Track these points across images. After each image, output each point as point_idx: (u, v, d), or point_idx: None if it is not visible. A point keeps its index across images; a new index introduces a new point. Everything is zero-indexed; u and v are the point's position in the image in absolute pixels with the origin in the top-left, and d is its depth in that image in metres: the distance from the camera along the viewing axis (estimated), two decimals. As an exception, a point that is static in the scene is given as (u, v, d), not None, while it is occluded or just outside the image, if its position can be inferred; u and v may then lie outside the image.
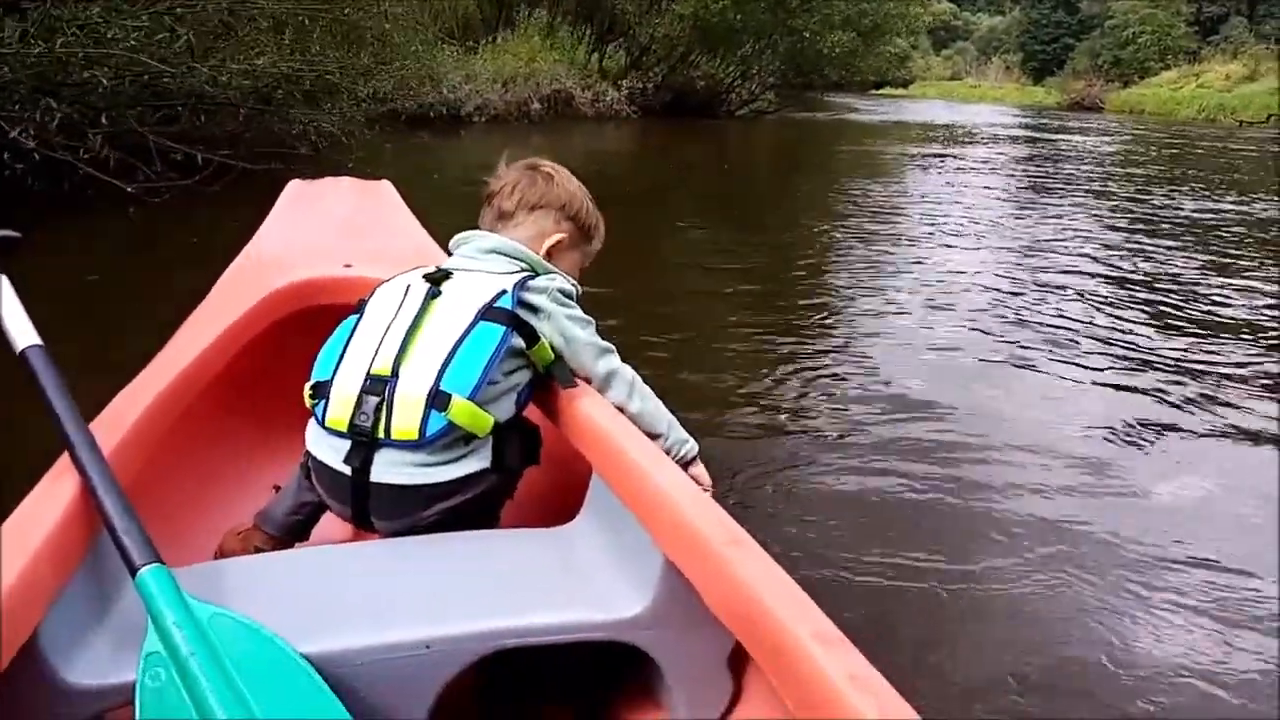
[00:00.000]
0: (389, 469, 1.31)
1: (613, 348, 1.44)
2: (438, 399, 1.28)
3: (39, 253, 3.93)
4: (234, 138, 6.81)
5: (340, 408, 1.33)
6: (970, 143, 16.88)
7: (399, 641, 1.08)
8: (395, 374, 1.31)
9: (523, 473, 1.45)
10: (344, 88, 8.20)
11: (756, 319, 4.25)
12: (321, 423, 1.35)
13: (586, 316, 1.45)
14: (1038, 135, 19.99)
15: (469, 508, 1.35)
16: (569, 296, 1.44)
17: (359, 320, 1.43)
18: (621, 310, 3.82)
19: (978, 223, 7.41)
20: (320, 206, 2.30)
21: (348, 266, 1.92)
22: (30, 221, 3.35)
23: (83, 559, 1.05)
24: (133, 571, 1.01)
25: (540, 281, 1.41)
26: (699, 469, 1.45)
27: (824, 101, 28.79)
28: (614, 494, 1.30)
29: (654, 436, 1.39)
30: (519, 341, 1.37)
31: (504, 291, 1.38)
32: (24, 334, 1.22)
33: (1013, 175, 11.86)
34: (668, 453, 1.37)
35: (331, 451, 1.35)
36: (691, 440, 1.45)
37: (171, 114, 6.57)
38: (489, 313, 1.35)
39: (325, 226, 2.18)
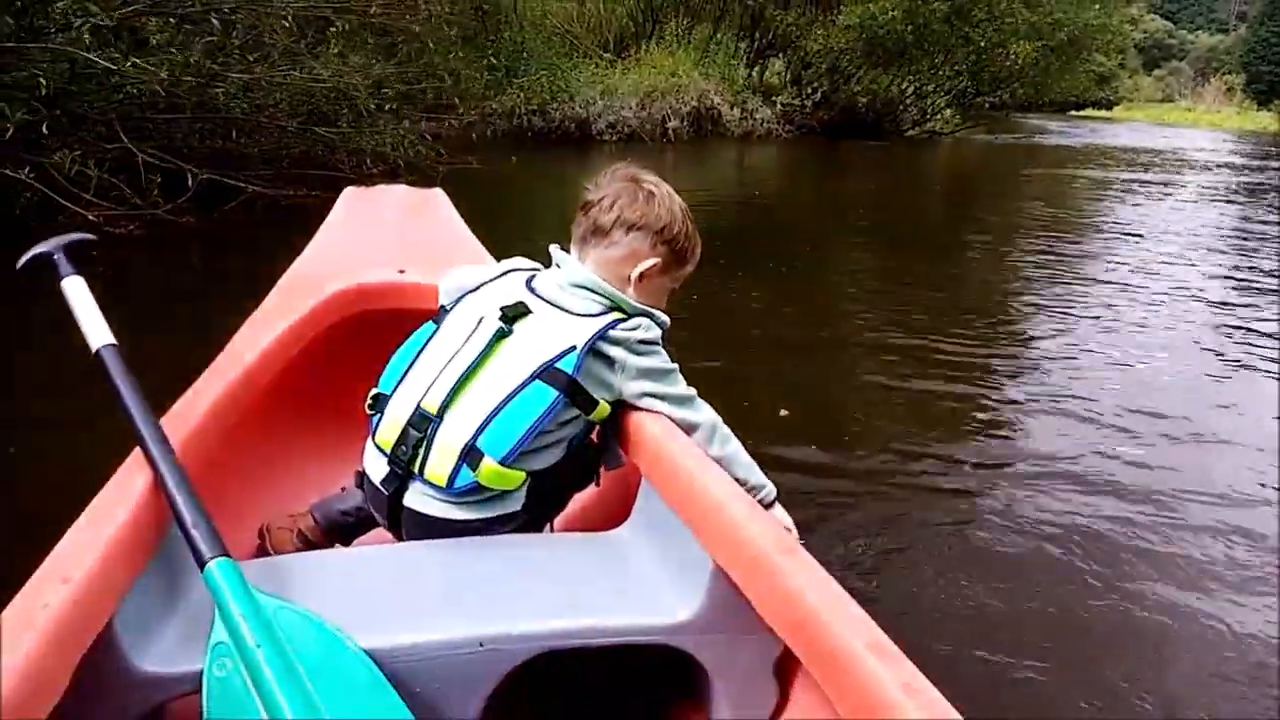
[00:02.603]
0: (420, 499, 1.38)
1: (693, 394, 1.44)
2: (471, 455, 1.32)
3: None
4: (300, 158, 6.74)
5: (389, 430, 1.39)
6: (1180, 170, 15.61)
7: (454, 639, 1.13)
8: (441, 416, 1.35)
9: (573, 494, 1.48)
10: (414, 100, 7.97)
11: (920, 372, 3.91)
12: (373, 437, 1.42)
13: (669, 364, 1.43)
14: (1261, 164, 18.19)
15: (506, 529, 1.40)
16: (652, 343, 1.43)
17: (432, 336, 1.46)
18: (768, 351, 3.80)
19: (1184, 263, 6.74)
20: (375, 213, 2.39)
21: (401, 272, 2.00)
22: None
23: (154, 551, 1.11)
24: (201, 564, 1.06)
25: (620, 332, 1.39)
26: (779, 511, 1.43)
27: (1012, 122, 27.15)
28: (663, 500, 1.34)
29: (740, 480, 1.36)
30: (572, 409, 1.37)
31: (572, 349, 1.36)
32: (99, 334, 1.31)
33: (1227, 208, 10.87)
34: (755, 496, 1.37)
35: (376, 467, 1.42)
36: (770, 484, 1.44)
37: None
38: (547, 373, 1.34)
39: (380, 233, 2.27)
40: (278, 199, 6.14)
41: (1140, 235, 8.05)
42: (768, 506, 1.40)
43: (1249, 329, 4.88)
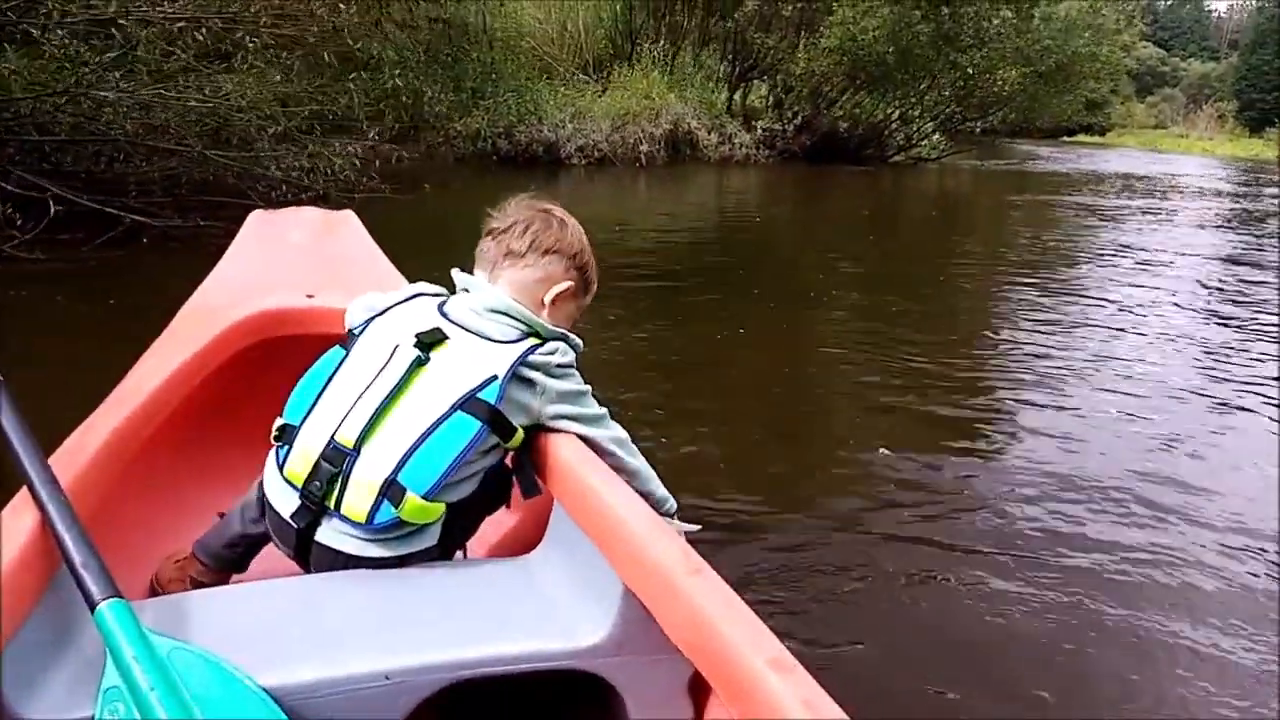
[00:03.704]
0: (334, 536, 1.35)
1: (605, 412, 1.48)
2: (392, 491, 1.30)
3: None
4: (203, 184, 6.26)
5: (299, 462, 1.36)
6: (1173, 197, 15.71)
7: (358, 673, 1.11)
8: (357, 450, 1.33)
9: (485, 518, 1.50)
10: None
11: (900, 416, 3.79)
12: (280, 468, 1.39)
13: (583, 386, 1.47)
14: (1255, 191, 18.34)
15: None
16: (568, 366, 1.46)
17: (340, 364, 1.43)
18: (738, 397, 3.70)
19: (1177, 294, 6.70)
20: (283, 237, 2.36)
21: (310, 297, 1.97)
22: None
23: (41, 594, 1.08)
24: (91, 606, 1.03)
25: (539, 357, 1.41)
26: (679, 524, 1.49)
27: (1002, 148, 27.26)
28: (575, 523, 1.34)
29: (645, 493, 1.42)
30: (493, 438, 1.37)
31: (493, 379, 1.36)
32: None
33: (1221, 235, 10.92)
34: (657, 509, 1.41)
35: (284, 500, 1.39)
36: (671, 498, 1.50)
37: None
38: (469, 404, 1.34)
39: (288, 257, 2.24)
40: (164, 230, 5.73)
41: (1132, 263, 8.06)
42: (670, 517, 1.46)
43: (1245, 365, 4.84)
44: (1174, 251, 8.87)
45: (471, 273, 1.55)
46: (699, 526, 1.52)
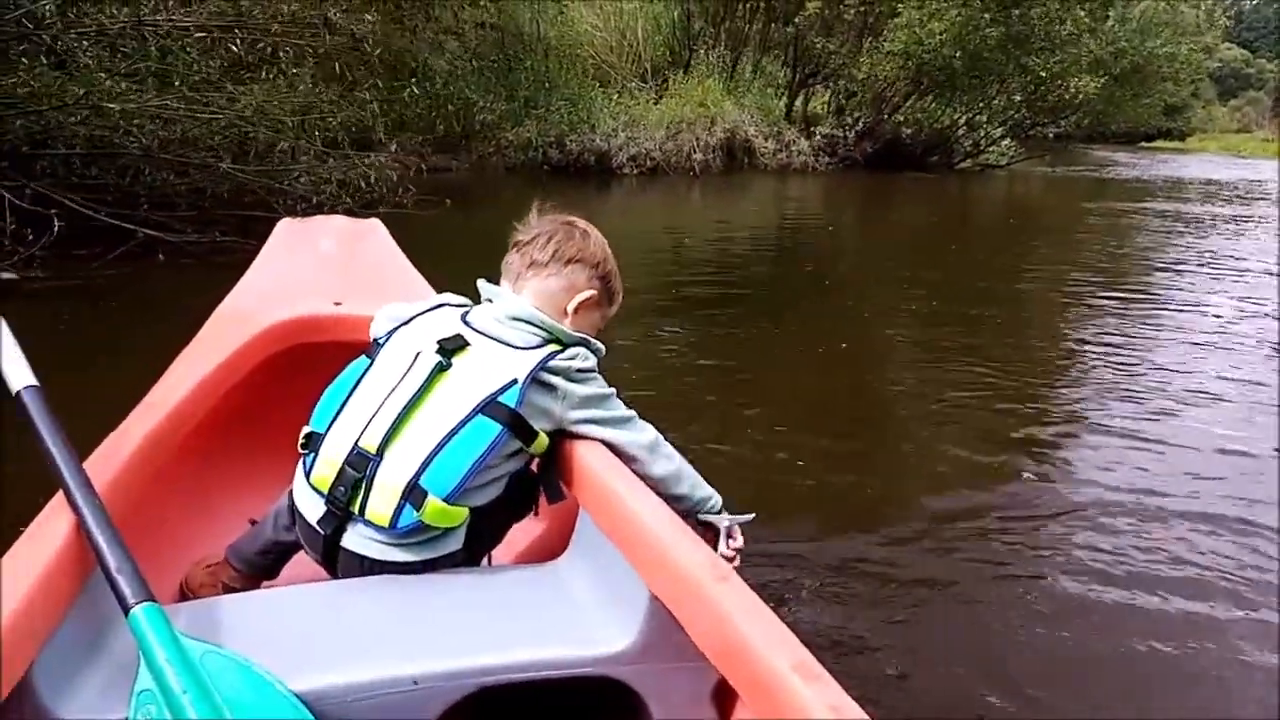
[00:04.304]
0: (359, 541, 1.37)
1: (634, 414, 1.49)
2: (414, 494, 1.32)
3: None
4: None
5: (325, 468, 1.39)
6: (1259, 205, 14.96)
7: (387, 678, 1.13)
8: (380, 455, 1.35)
9: (511, 525, 1.51)
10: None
11: (964, 430, 3.68)
12: (307, 476, 1.42)
13: (607, 389, 1.49)
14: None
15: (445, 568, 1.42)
16: (589, 371, 1.48)
17: (365, 372, 1.46)
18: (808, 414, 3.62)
19: (1266, 312, 6.28)
20: (311, 245, 2.40)
21: (338, 304, 2.00)
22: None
23: (76, 597, 1.11)
24: (125, 609, 1.05)
25: (560, 362, 1.43)
26: (728, 519, 1.47)
27: (1075, 154, 26.41)
28: (600, 531, 1.35)
29: (677, 498, 1.43)
30: (515, 442, 1.39)
31: (513, 382, 1.38)
32: (20, 375, 1.30)
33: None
34: (694, 510, 1.45)
35: (311, 507, 1.42)
36: (716, 495, 1.49)
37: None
38: (489, 407, 1.36)
39: (316, 264, 2.28)
40: (180, 245, 5.62)
41: (1218, 273, 7.72)
42: (717, 514, 1.47)
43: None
44: (1261, 260, 8.50)
45: (498, 284, 1.58)
46: (753, 515, 1.50)
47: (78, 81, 5.47)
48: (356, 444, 1.37)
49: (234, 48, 6.02)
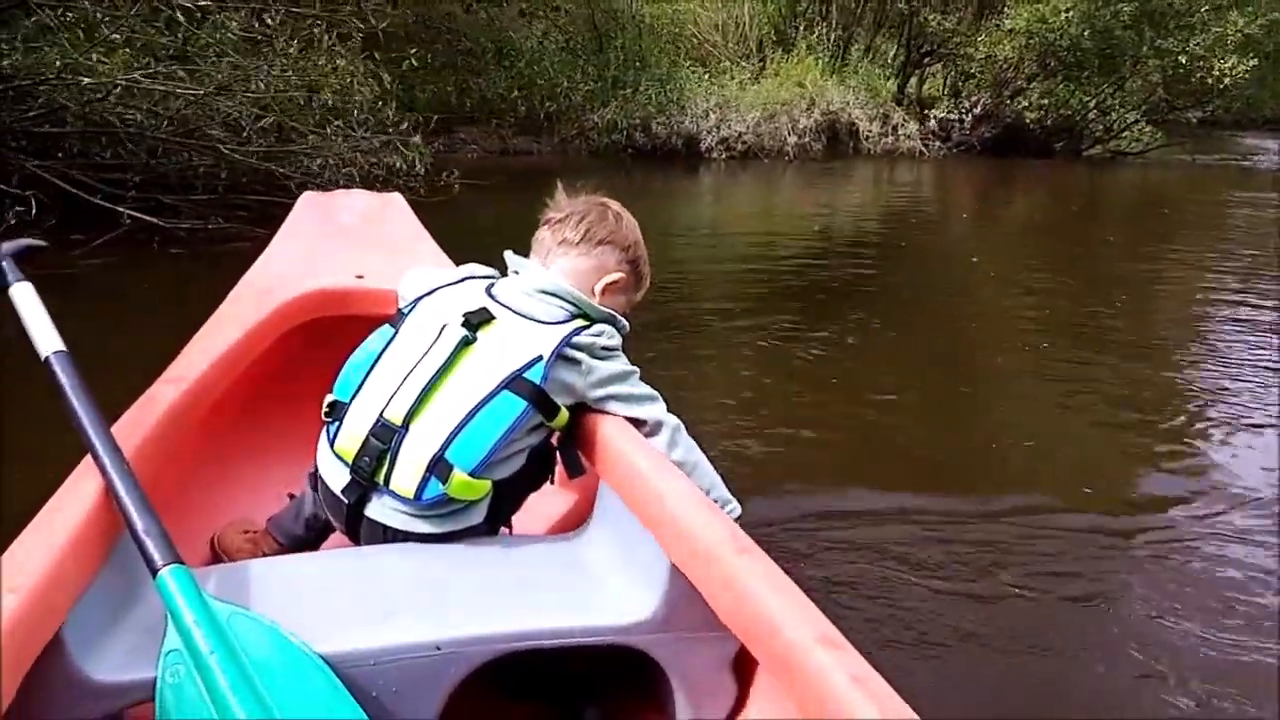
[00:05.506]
0: (383, 511, 1.40)
1: (656, 395, 1.51)
2: (439, 467, 1.35)
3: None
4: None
5: (349, 439, 1.42)
6: None
7: (410, 643, 1.17)
8: (406, 427, 1.38)
9: (529, 494, 1.53)
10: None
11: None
12: (331, 444, 1.45)
13: (630, 366, 1.51)
14: None
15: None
16: (614, 348, 1.50)
17: (390, 342, 1.48)
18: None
19: None
20: (332, 218, 2.46)
21: (359, 277, 2.05)
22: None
23: (105, 558, 1.16)
24: (153, 571, 1.10)
25: (585, 338, 1.46)
26: None
27: (1219, 141, 24.06)
28: (622, 502, 1.38)
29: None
30: (538, 417, 1.41)
31: (539, 359, 1.40)
32: (49, 340, 1.35)
33: None
34: None
35: (335, 476, 1.45)
36: (735, 503, 1.50)
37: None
38: (514, 383, 1.38)
39: (337, 238, 2.33)
40: (175, 231, 5.39)
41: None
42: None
43: None
44: None
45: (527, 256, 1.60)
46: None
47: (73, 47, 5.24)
48: (382, 415, 1.40)
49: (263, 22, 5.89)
